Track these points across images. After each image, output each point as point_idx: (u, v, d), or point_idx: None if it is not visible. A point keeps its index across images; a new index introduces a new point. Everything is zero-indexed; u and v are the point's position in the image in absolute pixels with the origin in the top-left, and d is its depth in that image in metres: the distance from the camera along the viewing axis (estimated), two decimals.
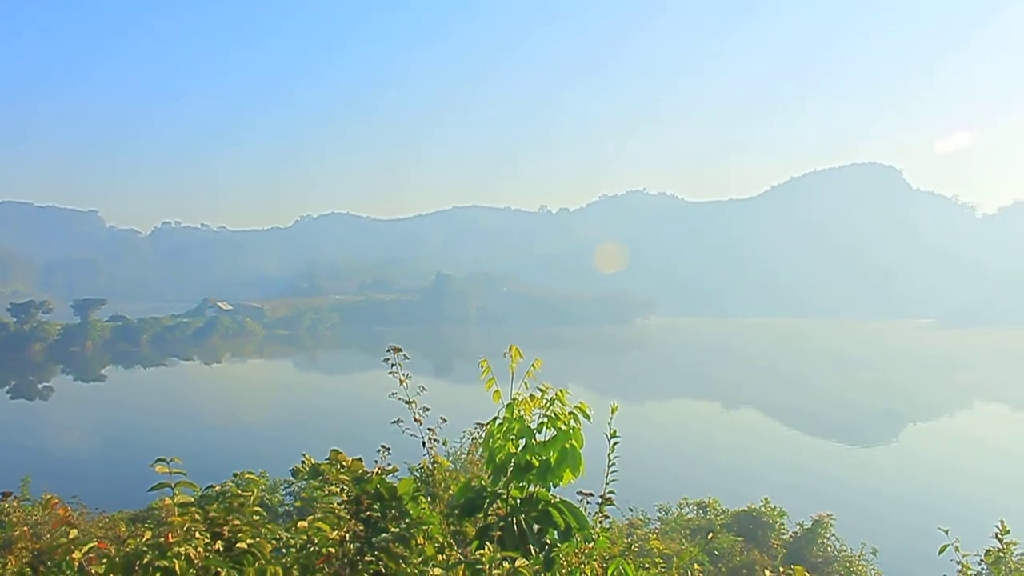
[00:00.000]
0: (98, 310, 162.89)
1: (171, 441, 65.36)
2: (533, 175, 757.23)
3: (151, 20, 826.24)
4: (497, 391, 5.54)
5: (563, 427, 5.19)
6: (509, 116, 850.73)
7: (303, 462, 7.09)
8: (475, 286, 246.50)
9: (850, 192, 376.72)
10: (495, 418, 5.42)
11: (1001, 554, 6.15)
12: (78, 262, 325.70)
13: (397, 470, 7.39)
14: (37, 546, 4.85)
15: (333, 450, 7.22)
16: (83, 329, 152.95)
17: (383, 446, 8.10)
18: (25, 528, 5.17)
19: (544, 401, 5.29)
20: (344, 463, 7.11)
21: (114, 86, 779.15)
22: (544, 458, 5.20)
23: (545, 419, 5.25)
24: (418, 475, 7.28)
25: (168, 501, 5.13)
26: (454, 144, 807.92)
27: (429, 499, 6.73)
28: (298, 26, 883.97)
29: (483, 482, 5.55)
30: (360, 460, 7.21)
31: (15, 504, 9.49)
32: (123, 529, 22.47)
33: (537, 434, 5.26)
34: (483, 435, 10.13)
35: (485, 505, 5.41)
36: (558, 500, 5.30)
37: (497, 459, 5.31)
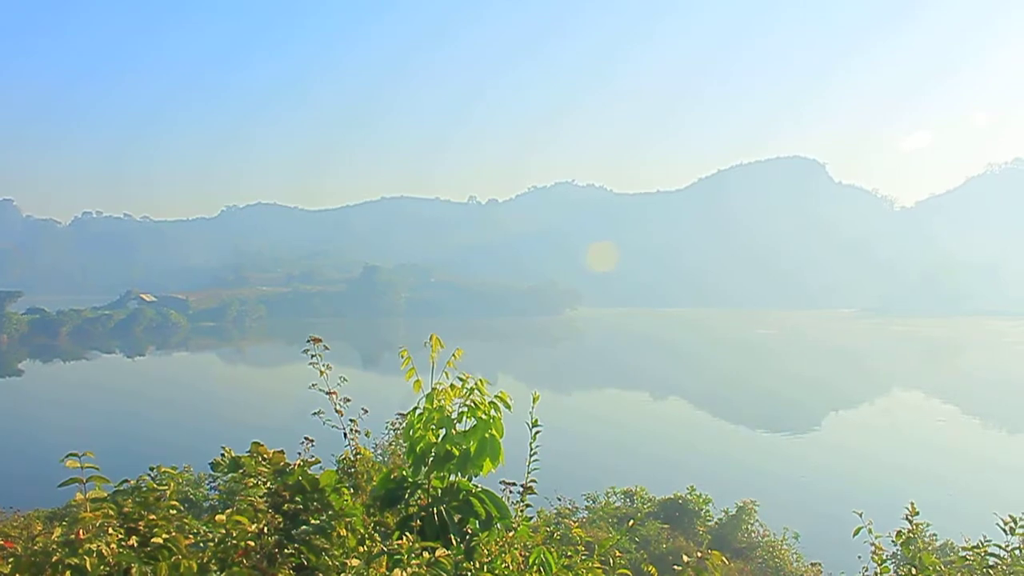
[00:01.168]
0: (14, 302, 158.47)
1: (92, 436, 63.92)
2: (462, 166, 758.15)
3: (79, 2, 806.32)
4: (418, 381, 5.52)
5: (483, 416, 5.20)
6: (439, 107, 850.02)
7: (223, 455, 6.98)
8: (404, 277, 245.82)
9: (772, 184, 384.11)
10: (415, 408, 5.41)
11: (911, 535, 6.35)
12: None
13: (320, 462, 7.32)
14: None
15: (254, 443, 7.12)
16: None
17: (306, 438, 8.02)
18: None
19: (464, 391, 5.29)
20: (265, 455, 7.03)
21: (37, 72, 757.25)
22: (464, 448, 5.20)
23: (465, 409, 5.25)
24: (341, 467, 7.22)
25: (80, 497, 5.03)
26: (384, 134, 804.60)
27: (352, 491, 6.68)
28: (229, 14, 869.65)
29: (404, 472, 5.53)
30: (282, 452, 7.12)
31: None
32: (38, 528, 21.97)
33: (457, 424, 5.26)
34: (401, 425, 10.12)
35: (406, 496, 5.39)
36: (479, 490, 5.31)
37: (417, 449, 5.30)
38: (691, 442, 70.79)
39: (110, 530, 4.75)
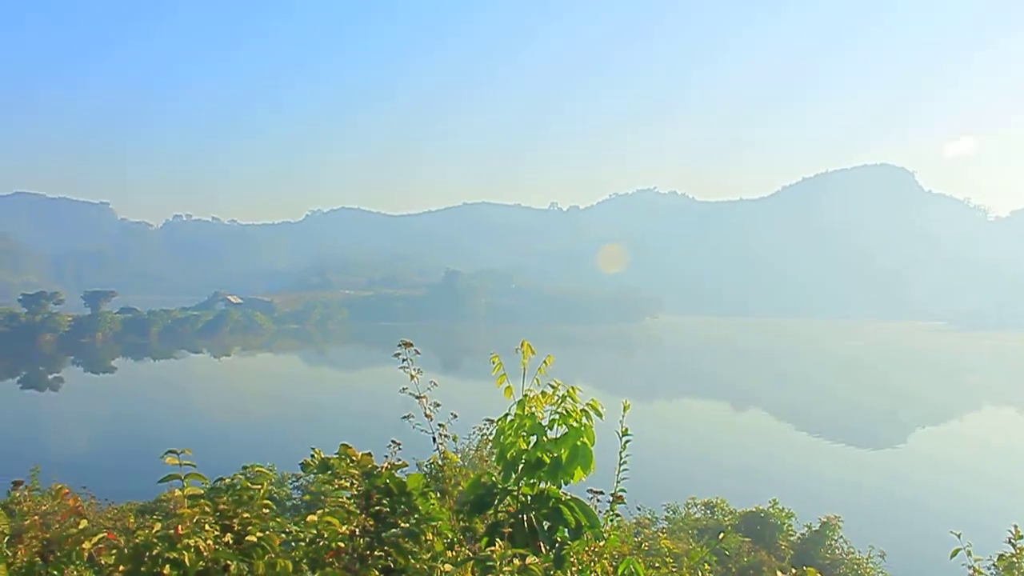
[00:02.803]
0: (108, 302, 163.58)
1: (179, 433, 65.55)
2: (544, 173, 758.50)
3: (165, 11, 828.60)
4: (509, 387, 5.51)
5: (574, 424, 5.16)
6: (520, 113, 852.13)
7: (312, 456, 7.07)
8: (484, 282, 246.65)
9: (862, 193, 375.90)
10: (506, 414, 5.39)
11: (1014, 559, 6.10)
12: (89, 254, 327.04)
13: (407, 465, 7.37)
14: (47, 536, 4.84)
15: (343, 445, 7.20)
16: (93, 321, 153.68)
17: (393, 441, 8.08)
18: (36, 517, 5.17)
19: (555, 398, 5.26)
20: (354, 457, 7.10)
21: (127, 78, 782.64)
22: (555, 455, 5.17)
23: (556, 416, 5.22)
24: (427, 471, 7.26)
25: (177, 493, 5.12)
26: (465, 140, 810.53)
27: (438, 495, 6.71)
28: (311, 20, 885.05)
29: (493, 479, 5.53)
30: (370, 455, 7.20)
31: (26, 493, 9.50)
32: (132, 520, 22.57)
33: (548, 431, 5.23)
34: (493, 431, 10.13)
35: (495, 502, 5.38)
36: (569, 498, 5.27)
37: (508, 455, 5.28)
38: (773, 454, 69.57)
39: (206, 526, 4.84)
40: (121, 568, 4.49)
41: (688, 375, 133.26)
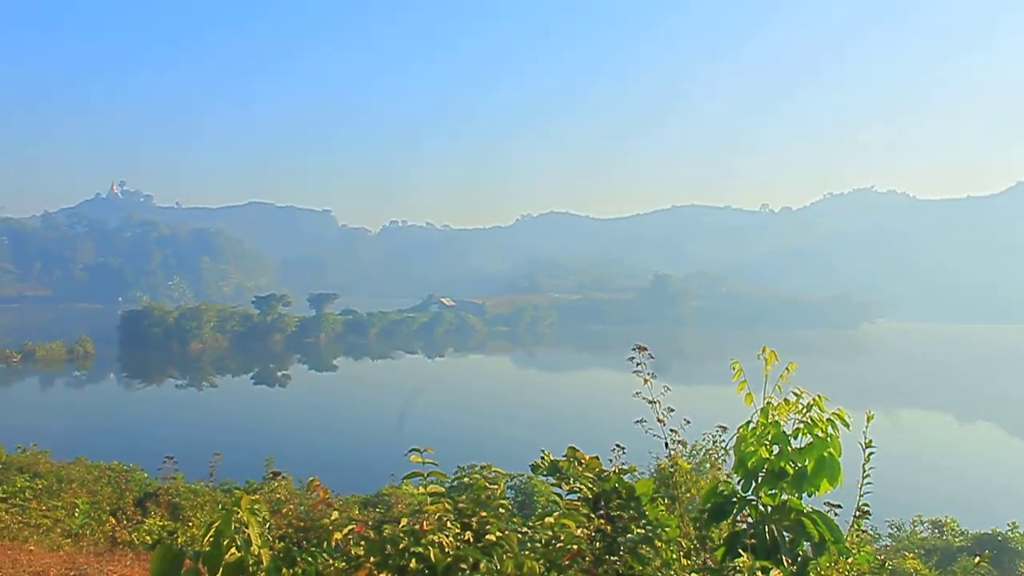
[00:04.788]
0: (331, 304, 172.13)
1: (395, 433, 68.26)
2: (754, 173, 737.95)
3: (364, 17, 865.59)
4: (749, 394, 5.36)
5: (820, 434, 4.95)
6: (730, 113, 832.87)
7: (542, 458, 7.13)
8: (693, 286, 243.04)
9: None
10: (748, 422, 5.24)
11: None
12: (313, 258, 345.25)
13: (635, 469, 7.32)
14: (301, 524, 5.11)
15: (570, 447, 7.24)
16: (318, 321, 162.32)
17: (617, 445, 8.05)
18: (291, 507, 5.47)
19: (800, 406, 5.07)
20: (582, 460, 7.12)
21: (340, 88, 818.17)
22: (799, 466, 4.98)
23: (801, 425, 5.03)
24: (656, 476, 7.17)
25: (404, 488, 5.26)
26: (673, 142, 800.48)
27: (668, 501, 6.62)
28: (512, 21, 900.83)
29: (730, 487, 5.39)
30: (597, 458, 7.20)
31: (283, 483, 10.14)
32: (356, 512, 23.63)
33: (792, 440, 5.05)
34: (724, 438, 9.91)
35: (734, 511, 5.24)
36: (811, 510, 5.07)
37: (749, 464, 5.13)
38: (1006, 473, 64.82)
39: (448, 524, 4.97)
40: (372, 560, 4.67)
41: (909, 384, 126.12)
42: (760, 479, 5.13)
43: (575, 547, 5.25)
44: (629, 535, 5.40)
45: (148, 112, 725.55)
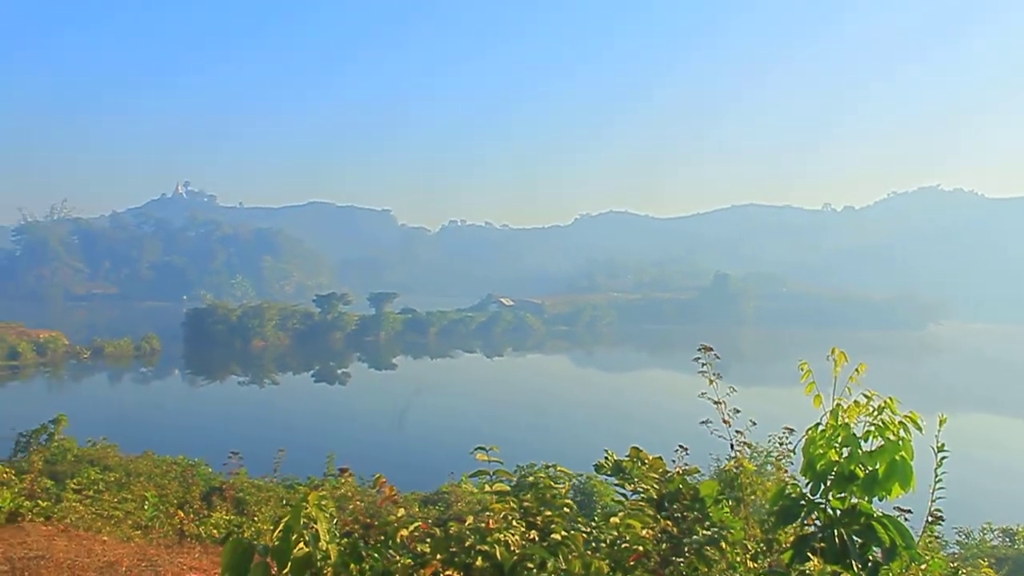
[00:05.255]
0: (391, 303, 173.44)
1: (453, 431, 68.55)
2: (816, 172, 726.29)
3: (423, 16, 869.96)
4: (818, 395, 5.29)
5: (891, 437, 4.87)
6: (792, 113, 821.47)
7: (606, 457, 7.12)
8: (753, 286, 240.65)
9: None
10: (816, 423, 5.17)
11: None
12: (372, 257, 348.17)
13: (699, 471, 7.27)
14: (368, 521, 5.17)
15: (633, 447, 7.22)
16: (377, 320, 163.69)
17: (680, 446, 8.00)
18: (358, 503, 5.53)
19: (871, 409, 4.99)
20: (645, 460, 7.09)
21: (400, 87, 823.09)
22: (870, 469, 4.90)
23: (872, 428, 4.94)
24: (720, 477, 7.11)
25: (463, 487, 5.29)
26: (735, 141, 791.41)
27: (732, 503, 6.57)
28: (568, 20, 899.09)
29: (798, 490, 5.32)
30: (660, 459, 7.16)
31: (350, 479, 10.28)
32: (416, 510, 23.83)
33: (862, 443, 4.96)
34: (788, 440, 9.80)
35: (802, 514, 5.17)
36: (881, 515, 4.97)
37: (818, 466, 5.05)
38: None
39: (513, 522, 4.99)
40: (438, 557, 4.70)
41: (980, 386, 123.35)
42: (829, 482, 5.05)
43: (640, 548, 5.24)
44: (695, 537, 5.38)
45: (212, 112, 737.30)
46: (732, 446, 6.98)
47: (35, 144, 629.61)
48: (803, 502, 5.15)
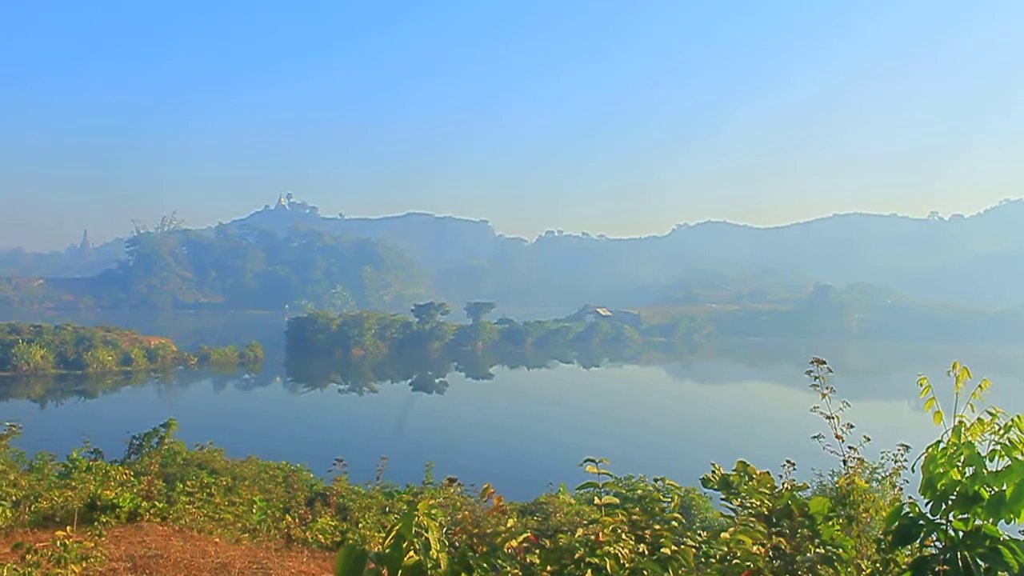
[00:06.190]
0: (488, 313, 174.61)
1: (548, 443, 68.52)
2: (921, 181, 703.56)
3: (522, 22, 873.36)
4: (938, 412, 5.11)
5: (1020, 457, 4.67)
6: (896, 123, 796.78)
7: (712, 471, 7.02)
8: (857, 297, 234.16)
9: None
10: (937, 441, 4.99)
11: None
12: (469, 268, 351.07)
13: (807, 487, 7.11)
14: (476, 530, 5.19)
15: (740, 462, 7.10)
16: (475, 330, 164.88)
17: (788, 461, 7.84)
18: (466, 512, 5.56)
19: (997, 427, 4.79)
20: (752, 475, 6.97)
21: (498, 97, 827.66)
22: (996, 490, 4.71)
23: (998, 447, 4.75)
24: (832, 494, 6.94)
25: (566, 498, 5.27)
26: (836, 151, 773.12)
27: (843, 521, 6.40)
28: (675, 31, 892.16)
29: (916, 510, 5.14)
30: (768, 473, 7.03)
31: (458, 489, 10.38)
32: (514, 520, 23.84)
33: (987, 463, 4.77)
34: (903, 456, 9.51)
35: (921, 535, 5.00)
36: (1009, 538, 4.77)
37: (938, 486, 4.88)
38: None
39: (623, 535, 4.95)
40: (548, 569, 4.70)
41: None
42: (951, 502, 4.87)
43: (751, 564, 5.14)
44: (808, 555, 5.25)
45: (313, 124, 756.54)
46: (845, 462, 6.80)
47: (145, 158, 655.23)
48: (922, 522, 4.98)
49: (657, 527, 5.24)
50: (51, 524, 14.14)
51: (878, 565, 5.41)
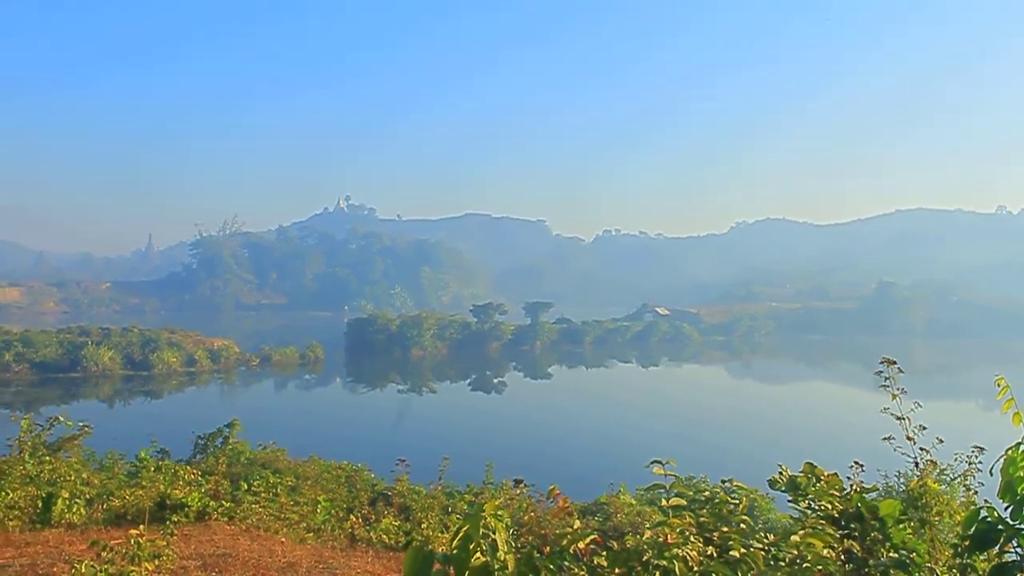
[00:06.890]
0: (546, 312, 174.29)
1: (608, 442, 68.25)
2: (987, 173, 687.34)
3: (576, 23, 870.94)
4: (1017, 413, 4.97)
5: None
6: (961, 116, 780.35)
7: (780, 473, 6.92)
8: (921, 295, 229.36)
9: None
10: (1018, 443, 4.85)
11: None
12: (527, 267, 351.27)
13: (877, 489, 6.98)
14: (543, 532, 5.18)
15: (807, 463, 6.98)
16: (533, 330, 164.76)
17: (856, 462, 7.70)
18: (532, 514, 5.56)
19: None
20: (820, 476, 6.85)
21: (555, 95, 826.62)
22: None
23: None
24: (904, 497, 6.81)
25: (627, 498, 5.22)
26: (899, 145, 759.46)
27: (915, 524, 6.27)
28: (735, 25, 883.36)
29: (995, 514, 5.00)
30: (836, 475, 6.90)
31: (524, 490, 10.41)
32: (579, 522, 23.80)
33: None
34: (978, 459, 9.29)
35: (1000, 540, 4.86)
36: None
37: (1019, 490, 4.75)
38: None
39: (691, 538, 4.90)
40: (616, 571, 4.66)
41: None
42: None
43: (821, 568, 5.05)
44: (881, 559, 5.15)
45: (369, 126, 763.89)
46: (917, 464, 6.66)
47: (207, 162, 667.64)
48: (1001, 527, 4.84)
49: (726, 529, 5.17)
50: (123, 522, 14.48)
51: (955, 571, 5.29)
